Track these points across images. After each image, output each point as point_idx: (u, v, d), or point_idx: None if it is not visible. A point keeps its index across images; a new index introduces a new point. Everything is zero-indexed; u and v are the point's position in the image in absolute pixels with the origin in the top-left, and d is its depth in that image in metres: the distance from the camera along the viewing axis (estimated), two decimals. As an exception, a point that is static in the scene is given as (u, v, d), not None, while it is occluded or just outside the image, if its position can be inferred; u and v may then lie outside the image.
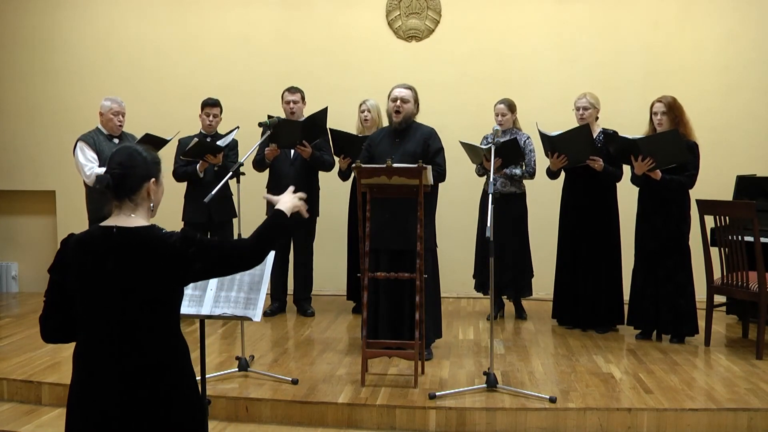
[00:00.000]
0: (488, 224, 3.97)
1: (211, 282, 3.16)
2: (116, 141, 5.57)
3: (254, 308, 3.00)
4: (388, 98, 4.86)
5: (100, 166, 5.36)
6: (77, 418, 2.17)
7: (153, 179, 2.24)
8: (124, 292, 2.13)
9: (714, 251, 5.20)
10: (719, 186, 6.05)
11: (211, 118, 5.91)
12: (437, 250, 4.96)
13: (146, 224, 2.22)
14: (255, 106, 6.44)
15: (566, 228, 5.61)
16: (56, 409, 4.19)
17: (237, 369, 4.49)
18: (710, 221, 5.16)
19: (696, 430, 3.91)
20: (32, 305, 6.60)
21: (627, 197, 5.54)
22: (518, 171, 5.76)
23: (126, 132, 5.69)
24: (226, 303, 3.01)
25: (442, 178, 4.83)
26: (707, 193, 5.36)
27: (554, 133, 5.31)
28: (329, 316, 6.11)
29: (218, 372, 4.48)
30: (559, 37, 6.81)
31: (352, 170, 5.42)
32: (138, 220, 2.21)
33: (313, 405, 4.06)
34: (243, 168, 4.64)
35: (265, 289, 3.04)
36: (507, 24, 6.86)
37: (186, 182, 5.90)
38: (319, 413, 4.04)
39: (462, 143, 5.38)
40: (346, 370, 4.60)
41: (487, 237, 3.95)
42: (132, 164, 2.21)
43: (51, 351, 4.94)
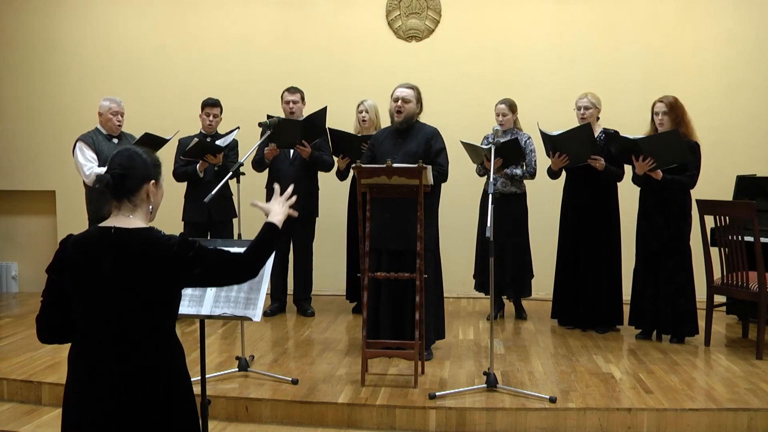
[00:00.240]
0: (488, 224, 3.97)
1: (211, 282, 3.15)
2: (115, 141, 5.57)
3: (254, 308, 3.00)
4: (391, 97, 4.85)
5: (100, 166, 5.36)
6: (73, 419, 2.17)
7: (152, 181, 2.25)
8: (121, 293, 2.13)
9: (714, 251, 5.20)
10: (719, 186, 6.05)
11: (211, 118, 5.91)
12: (440, 251, 4.96)
13: (144, 226, 2.22)
14: (255, 106, 6.43)
15: (567, 228, 5.61)
16: (56, 409, 4.18)
17: (237, 369, 4.49)
18: (710, 221, 5.16)
19: (696, 430, 3.91)
20: (32, 305, 6.59)
21: (628, 197, 5.54)
22: (519, 171, 5.76)
23: (125, 132, 5.68)
24: (226, 303, 3.01)
25: (444, 179, 4.81)
26: (707, 193, 5.36)
27: (555, 133, 5.32)
28: (329, 316, 6.10)
29: (218, 372, 4.48)
30: (559, 37, 6.81)
31: (352, 170, 5.42)
32: (136, 222, 2.21)
33: (313, 405, 4.06)
34: (243, 168, 4.65)
35: (265, 289, 3.04)
36: (507, 24, 6.86)
37: (186, 182, 5.91)
38: (319, 413, 4.04)
39: (463, 143, 5.38)
40: (346, 370, 4.60)
41: (487, 237, 3.96)
42: (132, 165, 2.21)
43: (51, 351, 4.94)
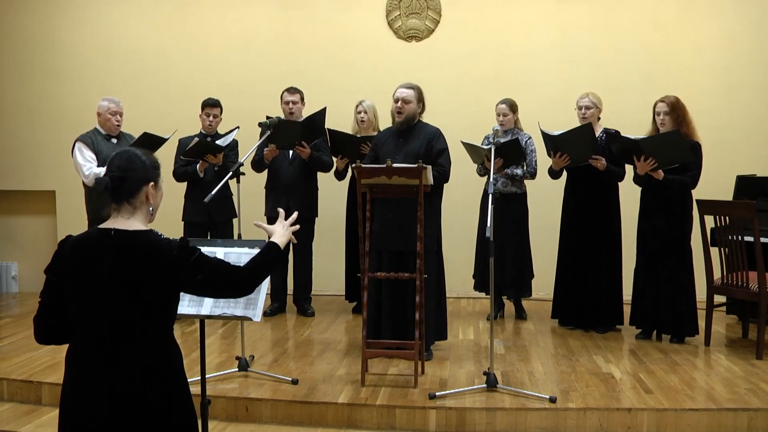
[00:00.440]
0: (488, 224, 3.97)
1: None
2: (114, 141, 5.57)
3: (254, 308, 3.00)
4: (393, 98, 4.84)
5: (99, 166, 5.36)
6: (70, 420, 2.18)
7: (152, 183, 2.24)
8: (119, 295, 2.12)
9: (714, 251, 5.20)
10: (719, 186, 6.05)
11: (211, 119, 5.91)
12: (442, 252, 4.95)
13: (144, 228, 2.21)
14: (255, 106, 6.44)
15: (568, 228, 5.61)
16: (56, 409, 4.05)
17: (237, 369, 4.49)
18: (710, 221, 5.16)
19: (696, 430, 3.91)
20: (32, 305, 6.47)
21: (629, 197, 5.54)
22: (519, 171, 5.75)
23: (124, 132, 5.68)
24: (226, 303, 3.01)
25: (445, 179, 4.78)
26: (707, 193, 5.36)
27: (556, 133, 5.31)
28: (329, 316, 6.10)
29: (218, 372, 4.48)
30: (559, 37, 6.81)
31: (352, 170, 5.43)
32: (136, 224, 2.20)
33: (313, 405, 4.06)
34: (243, 168, 4.65)
35: (265, 289, 3.03)
36: (507, 24, 6.86)
37: (186, 182, 5.91)
38: (319, 413, 4.04)
39: (463, 143, 5.38)
40: (346, 370, 4.60)
41: (487, 237, 3.96)
42: (131, 167, 2.21)
43: (51, 351, 4.93)
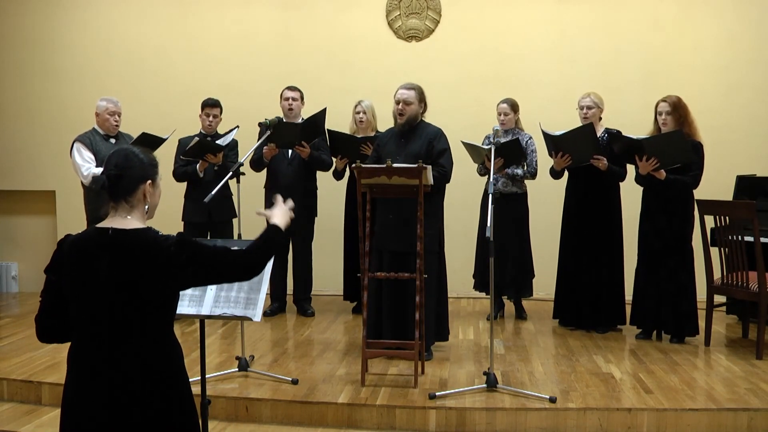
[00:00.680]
0: (488, 224, 3.97)
1: (211, 282, 3.15)
2: (113, 141, 5.58)
3: (254, 308, 3.00)
4: (394, 98, 4.82)
5: (97, 167, 5.37)
6: (72, 419, 2.17)
7: (149, 181, 2.24)
8: (118, 294, 2.12)
9: (714, 251, 5.20)
10: (719, 186, 6.04)
11: (211, 119, 5.91)
12: (445, 253, 4.94)
13: (142, 226, 2.21)
14: (255, 106, 6.44)
15: (569, 228, 5.60)
16: (56, 409, 4.11)
17: (237, 369, 4.49)
18: (710, 221, 5.16)
19: (696, 430, 3.91)
20: (32, 305, 6.58)
21: (630, 197, 5.54)
22: (520, 171, 5.75)
23: (123, 132, 5.69)
24: (226, 303, 3.01)
25: (446, 179, 4.75)
26: (707, 193, 5.36)
27: (558, 133, 5.31)
28: (329, 317, 6.10)
29: (218, 372, 4.48)
30: (559, 37, 6.81)
31: (353, 170, 5.42)
32: (134, 222, 2.20)
33: (313, 405, 4.06)
34: (242, 168, 4.65)
35: (265, 289, 3.04)
36: (507, 24, 6.86)
37: (186, 182, 5.91)
38: (319, 413, 4.04)
39: (463, 143, 5.38)
40: (346, 370, 4.59)
41: (487, 237, 3.96)
42: (128, 166, 2.21)
43: (51, 351, 4.94)
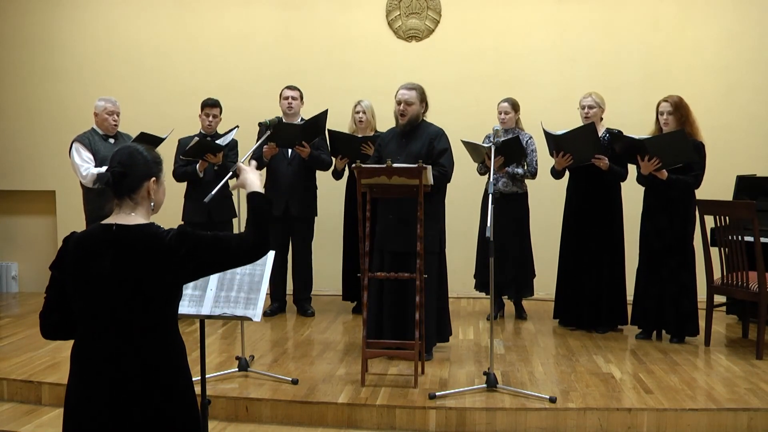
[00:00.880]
0: (488, 224, 3.97)
1: (211, 282, 3.15)
2: (112, 141, 5.58)
3: (254, 308, 3.00)
4: (395, 98, 4.81)
5: (96, 166, 5.39)
6: (75, 416, 2.18)
7: (153, 178, 2.26)
8: (122, 290, 2.14)
9: (714, 251, 5.20)
10: (719, 186, 6.04)
11: (211, 119, 5.91)
12: (446, 254, 4.94)
13: (145, 222, 2.23)
14: (255, 106, 6.44)
15: (570, 228, 5.59)
16: (56, 409, 4.18)
17: (237, 369, 4.49)
18: (710, 221, 5.16)
19: (696, 430, 3.91)
20: (32, 305, 6.59)
21: (632, 196, 5.54)
22: (520, 170, 5.74)
23: (122, 132, 5.70)
24: (226, 303, 3.01)
25: (446, 179, 4.74)
26: (707, 193, 5.35)
27: (559, 132, 5.30)
28: (329, 316, 6.10)
29: (218, 372, 4.48)
30: (559, 37, 6.81)
31: (352, 170, 5.42)
32: (138, 219, 2.22)
33: (313, 405, 4.06)
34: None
35: (265, 289, 3.04)
36: (507, 24, 6.86)
37: (186, 182, 5.91)
38: (319, 413, 4.04)
39: (463, 142, 5.38)
40: (346, 370, 4.59)
41: (487, 237, 3.96)
42: (132, 163, 2.23)
43: (51, 351, 4.94)
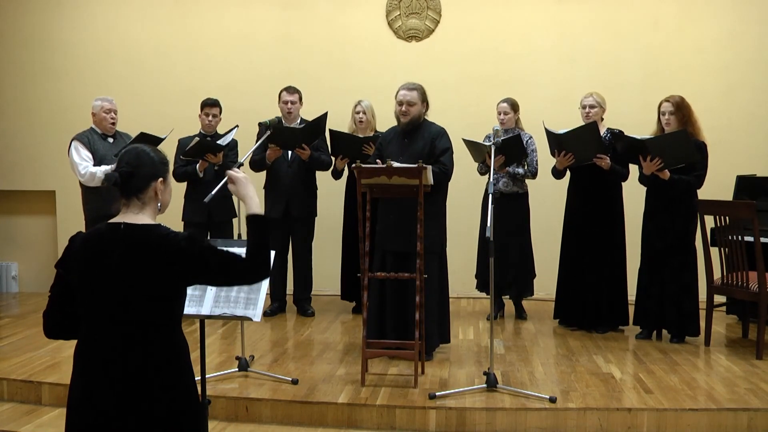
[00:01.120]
0: (488, 224, 3.97)
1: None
2: (111, 140, 5.60)
3: (254, 308, 3.00)
4: (395, 99, 4.80)
5: (95, 165, 5.43)
6: (77, 415, 2.18)
7: (161, 179, 2.28)
8: (128, 288, 2.15)
9: (714, 251, 5.20)
10: (719, 186, 6.03)
11: (211, 118, 5.91)
12: (447, 253, 4.94)
13: (153, 222, 2.25)
14: (255, 106, 6.45)
15: (571, 228, 5.59)
16: (56, 409, 4.19)
17: (237, 369, 4.49)
18: (710, 221, 5.16)
19: (696, 430, 3.91)
20: (32, 305, 6.59)
21: (633, 196, 5.54)
22: (521, 170, 5.74)
23: (121, 131, 5.72)
24: (226, 303, 3.01)
25: (447, 177, 4.74)
26: (707, 193, 5.35)
27: (561, 131, 5.30)
28: (329, 316, 6.10)
29: (218, 372, 4.48)
30: (559, 37, 6.81)
31: (353, 170, 5.41)
32: (145, 219, 2.25)
33: (313, 405, 4.06)
34: (242, 168, 4.63)
35: (265, 289, 3.04)
36: (507, 24, 6.86)
37: (186, 182, 5.91)
38: (319, 413, 4.04)
39: (465, 140, 5.39)
40: (346, 370, 4.59)
41: (487, 237, 3.96)
42: (140, 164, 2.25)
43: (51, 351, 4.95)
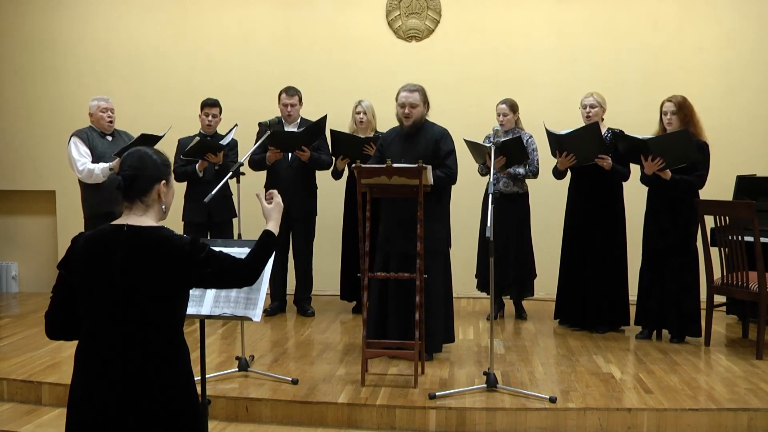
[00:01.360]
0: (488, 224, 3.98)
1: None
2: (109, 138, 5.62)
3: (254, 308, 3.00)
4: (396, 100, 4.76)
5: (93, 162, 5.49)
6: (77, 416, 2.19)
7: (163, 181, 2.29)
8: (130, 290, 2.16)
9: (714, 251, 5.20)
10: (719, 186, 6.03)
11: (211, 118, 5.91)
12: (450, 253, 4.93)
13: (156, 225, 2.26)
14: (255, 106, 6.44)
15: (572, 228, 5.58)
16: (56, 409, 4.19)
17: (237, 369, 4.49)
18: (710, 221, 5.16)
19: (696, 430, 3.91)
20: (32, 305, 6.59)
21: (634, 196, 5.54)
22: (522, 170, 5.74)
23: (120, 130, 5.75)
24: (226, 303, 3.01)
25: (452, 181, 4.72)
26: (707, 193, 5.35)
27: (563, 132, 5.29)
28: (329, 316, 6.10)
29: (218, 372, 4.48)
30: (559, 37, 6.81)
31: (353, 170, 5.42)
32: (148, 221, 2.26)
33: (313, 405, 4.06)
34: (242, 168, 4.65)
35: (265, 289, 3.04)
36: (507, 24, 6.86)
37: (186, 182, 5.91)
38: (319, 413, 4.04)
39: (466, 141, 5.38)
40: (346, 370, 4.59)
41: (487, 237, 3.96)
42: (143, 166, 2.26)
43: (51, 351, 4.94)
